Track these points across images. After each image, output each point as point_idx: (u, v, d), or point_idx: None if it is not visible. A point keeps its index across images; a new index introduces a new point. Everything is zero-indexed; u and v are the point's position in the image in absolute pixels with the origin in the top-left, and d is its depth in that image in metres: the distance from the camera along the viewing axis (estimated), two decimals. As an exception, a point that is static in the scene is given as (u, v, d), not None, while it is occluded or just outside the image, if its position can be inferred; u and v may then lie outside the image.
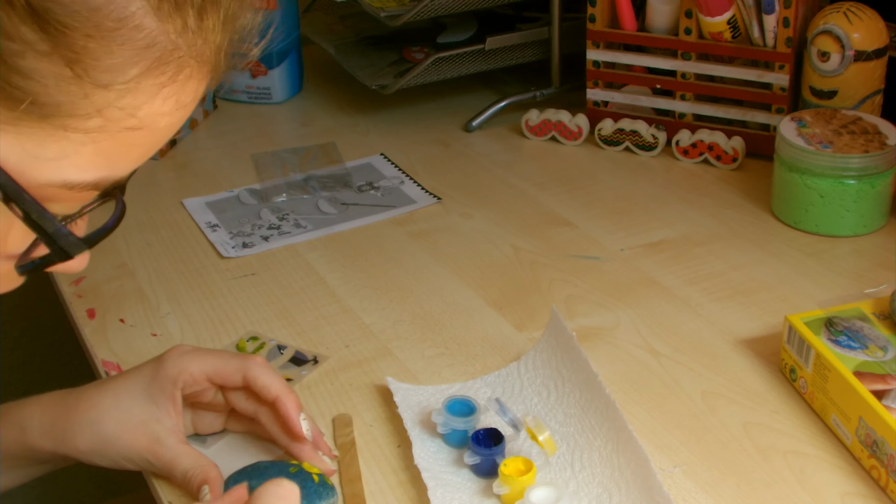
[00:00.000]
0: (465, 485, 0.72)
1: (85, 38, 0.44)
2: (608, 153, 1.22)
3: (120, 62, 0.45)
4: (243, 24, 0.51)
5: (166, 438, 0.71)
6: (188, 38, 0.48)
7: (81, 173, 0.47)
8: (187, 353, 0.75)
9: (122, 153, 0.49)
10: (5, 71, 0.44)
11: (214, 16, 0.49)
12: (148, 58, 0.46)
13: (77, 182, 0.48)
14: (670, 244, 1.02)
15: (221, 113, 1.37)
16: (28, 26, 0.43)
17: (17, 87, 0.44)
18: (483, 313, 0.93)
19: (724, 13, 1.12)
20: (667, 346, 0.87)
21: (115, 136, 0.47)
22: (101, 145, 0.47)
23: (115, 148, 0.48)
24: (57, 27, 0.43)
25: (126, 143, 0.48)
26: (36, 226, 0.48)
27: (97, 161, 0.48)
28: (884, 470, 0.70)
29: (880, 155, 0.99)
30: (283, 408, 0.72)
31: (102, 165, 0.48)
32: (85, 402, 0.73)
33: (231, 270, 1.01)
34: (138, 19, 0.45)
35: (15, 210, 0.47)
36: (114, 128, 0.47)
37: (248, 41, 0.52)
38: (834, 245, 1.01)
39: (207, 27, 0.48)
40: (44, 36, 0.44)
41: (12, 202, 0.46)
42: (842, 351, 0.77)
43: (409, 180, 1.17)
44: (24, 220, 0.47)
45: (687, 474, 0.73)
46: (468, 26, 1.38)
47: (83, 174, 0.48)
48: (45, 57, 0.44)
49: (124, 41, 0.45)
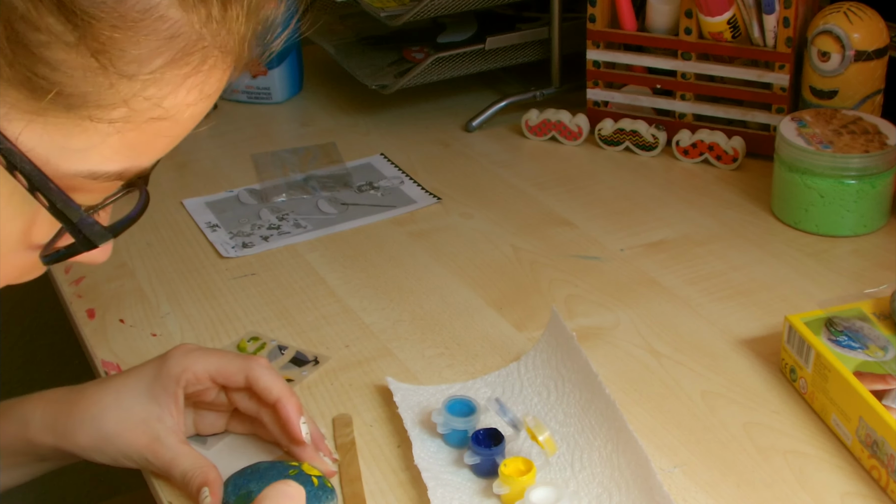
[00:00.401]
0: (465, 485, 0.72)
1: (111, 28, 0.44)
2: (608, 153, 1.22)
3: (145, 53, 0.45)
4: (266, 14, 0.51)
5: (166, 437, 0.71)
6: (212, 28, 0.48)
7: (107, 164, 0.48)
8: (191, 351, 0.75)
9: (146, 144, 0.49)
10: (32, 62, 0.44)
11: (238, 6, 0.49)
12: (173, 48, 0.46)
13: (102, 172, 0.48)
14: (670, 244, 1.02)
15: (221, 113, 1.37)
16: (55, 17, 0.44)
17: (43, 78, 0.44)
18: (483, 313, 0.93)
19: (724, 13, 1.12)
20: (667, 346, 0.87)
21: (141, 127, 0.47)
22: (127, 136, 0.47)
23: (140, 138, 0.48)
24: (83, 18, 0.44)
25: (151, 133, 0.48)
26: (61, 215, 0.48)
27: (122, 152, 0.48)
28: (884, 470, 0.70)
29: (880, 155, 0.99)
30: (284, 411, 0.72)
31: (127, 156, 0.48)
32: (87, 399, 0.73)
33: (231, 270, 1.01)
34: (163, 10, 0.45)
35: (41, 199, 0.47)
36: (139, 118, 0.47)
37: (271, 32, 0.53)
38: (834, 245, 1.01)
39: (231, 17, 0.49)
40: (70, 27, 0.44)
41: (38, 191, 0.47)
42: (842, 351, 0.77)
43: (409, 180, 1.17)
44: (49, 210, 0.48)
45: (687, 474, 0.73)
46: (468, 26, 1.38)
47: (108, 165, 0.48)
48: (71, 48, 0.44)
49: (149, 32, 0.45)
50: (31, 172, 0.46)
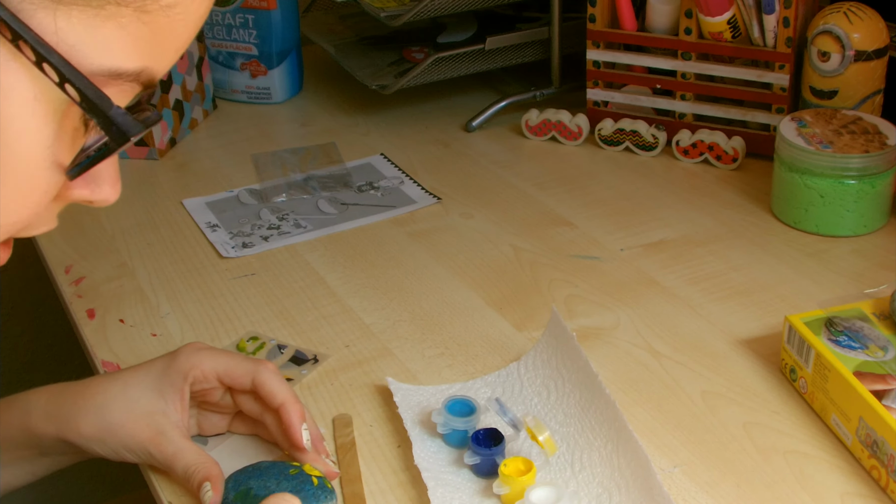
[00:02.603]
0: (465, 485, 0.72)
1: None
2: (608, 153, 1.22)
3: None
4: None
5: (170, 432, 0.72)
6: None
7: (127, 60, 0.47)
8: (201, 350, 0.75)
9: (161, 40, 0.48)
10: None
11: None
12: None
13: (123, 70, 0.47)
14: (670, 244, 1.02)
15: (221, 113, 1.37)
16: None
17: None
18: (483, 313, 0.93)
19: (724, 13, 1.12)
20: (667, 346, 0.87)
21: (156, 19, 0.47)
22: (143, 28, 0.47)
23: (154, 33, 0.47)
24: None
25: (164, 27, 0.48)
26: (93, 106, 0.46)
27: (140, 47, 0.47)
28: (884, 470, 0.70)
29: (880, 155, 0.99)
30: (287, 416, 0.72)
31: (145, 52, 0.48)
32: (93, 389, 0.74)
33: (231, 270, 1.01)
34: None
35: (70, 93, 0.46)
36: (154, 5, 0.46)
37: None
38: (834, 245, 1.01)
39: None
40: None
41: (68, 83, 0.45)
42: (842, 351, 0.77)
43: (409, 180, 1.17)
44: (80, 105, 0.46)
45: (687, 474, 0.73)
46: (468, 26, 1.38)
47: (128, 62, 0.47)
48: None
49: None
50: (60, 64, 0.45)
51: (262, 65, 1.36)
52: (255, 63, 1.36)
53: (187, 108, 1.29)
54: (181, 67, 1.26)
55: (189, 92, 1.29)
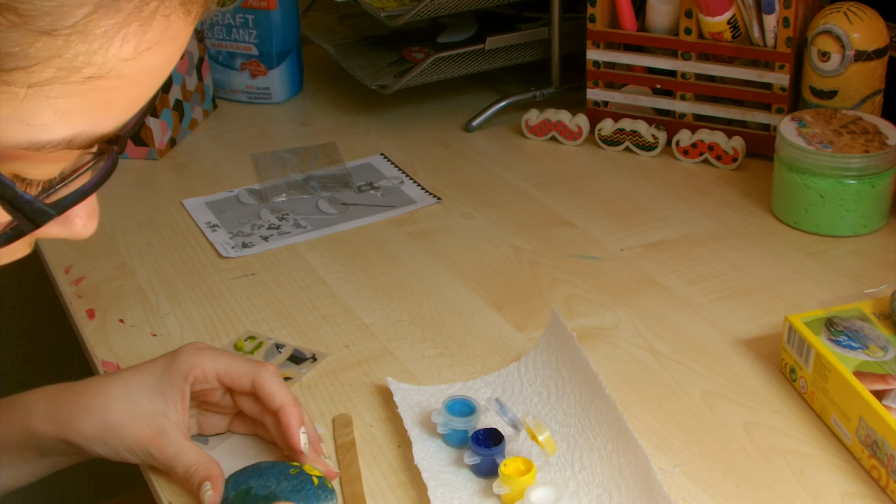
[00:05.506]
0: (465, 485, 0.72)
1: None
2: (608, 153, 1.22)
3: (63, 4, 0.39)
4: None
5: (171, 432, 0.72)
6: None
7: (49, 132, 0.41)
8: (202, 350, 0.75)
9: (95, 106, 0.42)
10: None
11: None
12: None
13: (46, 142, 0.42)
14: (670, 244, 1.02)
15: (221, 113, 1.37)
16: None
17: None
18: (483, 313, 0.93)
19: (724, 13, 1.12)
20: (667, 346, 0.87)
21: (79, 89, 0.41)
22: (67, 100, 0.41)
23: (83, 101, 0.41)
24: None
25: (96, 94, 0.42)
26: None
27: (66, 117, 0.41)
28: (884, 470, 0.70)
29: (880, 155, 0.99)
30: (286, 419, 0.72)
31: (74, 121, 0.42)
32: (94, 389, 0.74)
33: (231, 270, 1.01)
34: None
35: None
36: (72, 78, 0.40)
37: None
38: (834, 245, 1.00)
39: None
40: None
41: None
42: (842, 351, 0.77)
43: (409, 180, 1.17)
44: None
45: (687, 474, 0.73)
46: (468, 26, 1.38)
47: (51, 133, 0.41)
48: None
49: None
50: None
51: (262, 65, 1.36)
52: (255, 63, 1.36)
53: (187, 108, 1.29)
54: (181, 68, 1.26)
55: (189, 92, 1.29)
